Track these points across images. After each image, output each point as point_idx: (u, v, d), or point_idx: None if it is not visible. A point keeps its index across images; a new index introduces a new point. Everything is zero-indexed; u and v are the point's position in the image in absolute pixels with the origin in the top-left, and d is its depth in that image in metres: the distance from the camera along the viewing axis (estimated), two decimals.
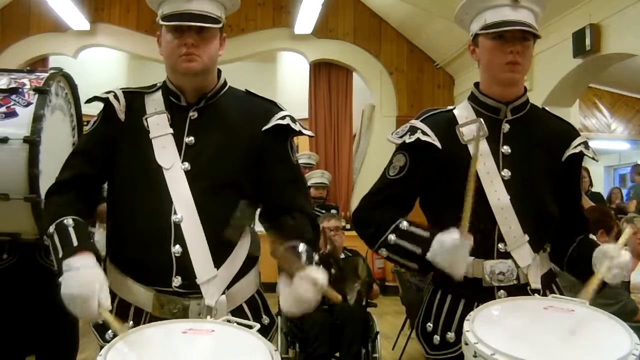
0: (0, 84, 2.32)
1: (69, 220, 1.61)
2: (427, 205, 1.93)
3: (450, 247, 1.63)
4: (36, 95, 2.30)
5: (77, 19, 8.26)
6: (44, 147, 2.24)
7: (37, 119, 2.25)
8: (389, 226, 1.79)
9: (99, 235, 1.90)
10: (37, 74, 2.45)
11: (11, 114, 2.25)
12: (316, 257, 1.64)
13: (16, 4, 8.55)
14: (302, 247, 1.60)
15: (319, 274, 1.49)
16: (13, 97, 2.30)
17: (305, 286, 1.47)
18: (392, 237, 1.77)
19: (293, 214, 1.74)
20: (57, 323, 2.45)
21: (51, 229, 1.61)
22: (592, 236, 1.90)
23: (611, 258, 1.68)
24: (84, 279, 1.46)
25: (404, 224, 1.78)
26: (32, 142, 2.20)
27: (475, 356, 1.38)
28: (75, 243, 1.55)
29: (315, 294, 1.47)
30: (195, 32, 1.66)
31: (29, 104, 2.29)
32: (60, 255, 1.54)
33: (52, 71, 2.50)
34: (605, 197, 8.76)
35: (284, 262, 1.56)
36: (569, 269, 1.92)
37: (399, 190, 1.87)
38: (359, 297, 4.02)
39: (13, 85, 2.32)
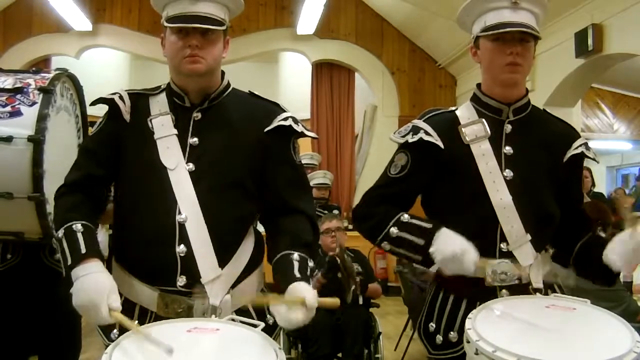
0: (6, 84, 2.32)
1: (77, 226, 1.63)
2: (427, 204, 1.94)
3: (454, 256, 1.64)
4: (41, 95, 2.30)
5: (79, 20, 8.26)
6: (48, 147, 2.24)
7: (42, 118, 2.25)
8: (390, 219, 1.80)
9: (102, 236, 1.91)
10: (42, 74, 2.45)
11: (16, 113, 2.25)
12: (311, 264, 1.64)
13: (18, 5, 8.56)
14: (295, 255, 1.62)
15: (307, 293, 1.48)
16: (18, 96, 2.29)
17: (293, 314, 1.45)
18: (394, 230, 1.79)
19: (293, 216, 1.75)
20: (59, 323, 2.45)
21: (60, 233, 1.64)
22: (599, 233, 1.90)
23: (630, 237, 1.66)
24: (92, 287, 1.50)
25: (405, 217, 1.80)
26: (37, 141, 2.20)
27: (476, 354, 1.39)
28: (83, 250, 1.58)
29: (305, 315, 1.45)
30: (199, 34, 1.67)
31: (33, 103, 2.28)
32: (69, 263, 1.57)
33: (57, 72, 2.50)
34: (607, 197, 8.75)
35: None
36: (576, 267, 1.90)
37: (400, 189, 1.88)
38: (354, 295, 4.01)
39: (18, 85, 2.32)
